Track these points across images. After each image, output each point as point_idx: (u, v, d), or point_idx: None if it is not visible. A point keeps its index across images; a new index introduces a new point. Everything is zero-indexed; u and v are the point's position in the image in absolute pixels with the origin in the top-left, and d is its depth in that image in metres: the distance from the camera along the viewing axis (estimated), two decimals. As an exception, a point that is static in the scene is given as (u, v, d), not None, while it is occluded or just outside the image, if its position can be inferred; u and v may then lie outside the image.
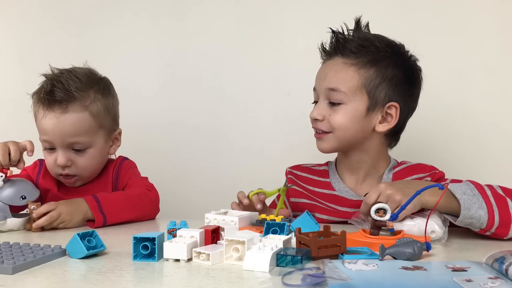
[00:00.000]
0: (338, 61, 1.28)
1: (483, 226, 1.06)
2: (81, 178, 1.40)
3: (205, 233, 0.90)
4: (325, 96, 1.27)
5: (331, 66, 1.28)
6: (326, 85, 1.26)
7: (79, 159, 1.36)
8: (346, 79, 1.25)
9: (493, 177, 1.63)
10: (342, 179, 1.35)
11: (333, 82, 1.26)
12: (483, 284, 0.71)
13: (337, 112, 1.25)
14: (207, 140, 1.83)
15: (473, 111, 1.66)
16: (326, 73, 1.28)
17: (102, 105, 1.39)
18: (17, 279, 0.77)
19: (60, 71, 1.40)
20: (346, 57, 1.27)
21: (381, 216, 0.96)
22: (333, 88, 1.25)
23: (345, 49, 1.27)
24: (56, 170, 1.37)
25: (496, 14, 1.65)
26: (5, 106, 1.96)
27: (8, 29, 1.98)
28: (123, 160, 1.48)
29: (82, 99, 1.34)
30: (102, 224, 1.23)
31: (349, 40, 1.28)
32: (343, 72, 1.26)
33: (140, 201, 1.32)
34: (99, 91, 1.39)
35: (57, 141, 1.34)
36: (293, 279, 0.73)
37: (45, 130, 1.34)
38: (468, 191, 1.08)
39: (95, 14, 1.91)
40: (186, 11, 1.86)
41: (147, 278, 0.77)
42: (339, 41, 1.28)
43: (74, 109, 1.33)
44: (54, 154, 1.36)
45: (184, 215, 1.31)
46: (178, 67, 1.86)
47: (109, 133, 1.43)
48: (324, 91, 1.27)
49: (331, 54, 1.30)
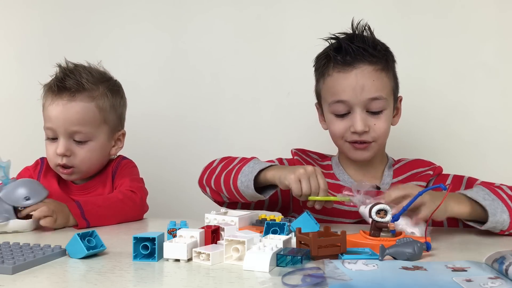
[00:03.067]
0: (367, 69, 1.25)
1: (505, 228, 1.09)
2: (79, 171, 1.40)
3: (205, 233, 0.90)
4: (364, 107, 1.25)
5: (363, 75, 1.25)
6: (366, 96, 1.24)
7: (79, 150, 1.38)
8: (384, 86, 1.26)
9: (493, 177, 1.62)
10: (345, 172, 1.36)
11: (373, 91, 1.24)
12: (483, 284, 0.71)
13: (381, 120, 1.26)
14: (207, 140, 1.83)
15: (473, 111, 1.66)
16: (363, 83, 1.24)
17: (109, 101, 1.42)
18: (17, 279, 0.77)
19: (75, 64, 1.44)
20: (373, 64, 1.26)
21: (382, 217, 0.96)
22: (375, 97, 1.24)
23: (369, 55, 1.26)
24: (55, 160, 1.38)
25: (496, 14, 1.65)
26: (5, 106, 1.95)
27: (8, 29, 1.98)
28: (122, 160, 1.49)
29: (90, 91, 1.38)
30: (86, 227, 1.21)
31: (368, 46, 1.27)
32: (379, 79, 1.26)
33: (124, 205, 1.31)
34: (108, 87, 1.43)
35: (60, 128, 1.36)
36: (293, 279, 0.73)
37: (50, 116, 1.37)
38: (486, 196, 1.09)
39: (95, 14, 1.91)
40: (186, 11, 1.86)
41: (147, 278, 0.77)
42: (359, 48, 1.26)
43: (81, 99, 1.37)
44: (55, 143, 1.37)
45: (184, 215, 1.31)
46: (178, 67, 1.86)
47: (113, 131, 1.44)
48: (363, 102, 1.24)
49: (354, 63, 1.25)
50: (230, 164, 1.27)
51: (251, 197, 1.19)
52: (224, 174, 1.25)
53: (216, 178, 1.27)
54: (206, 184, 1.31)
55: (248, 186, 1.16)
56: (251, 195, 1.18)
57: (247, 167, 1.20)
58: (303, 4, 1.77)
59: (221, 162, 1.32)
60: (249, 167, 1.19)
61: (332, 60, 1.28)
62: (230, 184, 1.21)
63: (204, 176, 1.32)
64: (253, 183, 1.15)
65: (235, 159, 1.29)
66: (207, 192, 1.33)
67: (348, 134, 1.27)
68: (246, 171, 1.19)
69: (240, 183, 1.18)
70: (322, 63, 1.32)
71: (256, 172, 1.16)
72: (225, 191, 1.24)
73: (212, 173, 1.29)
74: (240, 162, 1.24)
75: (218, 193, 1.28)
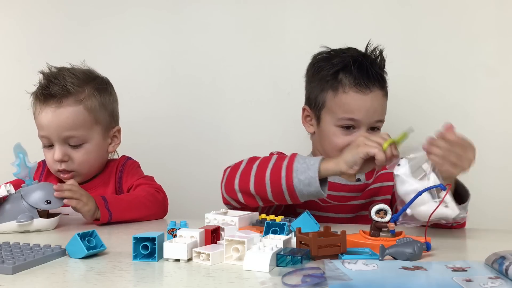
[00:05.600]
0: (379, 94, 1.34)
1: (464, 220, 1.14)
2: (79, 174, 1.41)
3: (205, 233, 0.90)
4: (369, 125, 1.33)
5: (377, 99, 1.34)
6: (375, 118, 1.34)
7: (76, 154, 1.38)
8: (385, 110, 1.37)
9: (493, 177, 1.63)
10: None
11: (381, 114, 1.35)
12: (483, 284, 0.71)
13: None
14: (207, 140, 1.83)
15: (473, 111, 1.66)
16: (376, 107, 1.33)
17: (98, 100, 1.41)
18: (17, 279, 0.77)
19: (58, 68, 1.43)
20: (382, 89, 1.35)
21: (382, 217, 0.96)
22: (380, 120, 1.35)
23: (382, 81, 1.35)
24: (54, 166, 1.39)
25: (496, 14, 1.65)
26: (4, 105, 1.95)
27: (8, 29, 1.98)
28: (127, 160, 1.49)
29: (76, 94, 1.37)
30: (108, 220, 1.23)
31: (382, 71, 1.36)
32: (384, 104, 1.37)
33: (147, 201, 1.34)
34: (95, 87, 1.42)
35: (53, 135, 1.36)
36: (293, 279, 0.73)
37: (41, 125, 1.37)
38: None
39: (95, 14, 1.91)
40: (186, 11, 1.85)
41: (147, 278, 0.77)
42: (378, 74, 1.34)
43: (68, 103, 1.36)
44: (52, 150, 1.38)
45: (184, 215, 1.31)
46: (178, 67, 1.86)
47: (107, 129, 1.44)
48: (372, 123, 1.34)
49: (370, 86, 1.32)
50: (268, 163, 1.20)
51: (309, 195, 1.15)
52: (269, 174, 1.17)
53: (257, 180, 1.19)
54: (240, 189, 1.20)
55: (310, 183, 1.13)
56: (311, 194, 1.15)
57: (298, 164, 1.15)
58: (304, 4, 1.77)
59: (251, 162, 1.23)
60: (301, 164, 1.15)
61: (350, 77, 1.32)
62: (282, 184, 1.15)
63: (235, 180, 1.21)
64: (318, 180, 1.12)
65: (269, 158, 1.22)
66: (238, 199, 1.22)
67: None
68: (301, 168, 1.14)
69: (297, 182, 1.14)
70: (333, 76, 1.34)
71: (317, 168, 1.13)
72: (271, 193, 1.17)
73: (247, 175, 1.20)
74: (281, 160, 1.18)
75: (254, 198, 1.20)
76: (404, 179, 1.03)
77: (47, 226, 1.18)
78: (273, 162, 1.19)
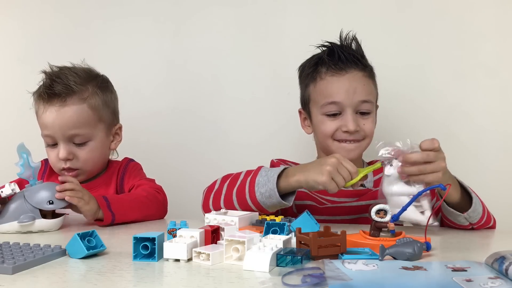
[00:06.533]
0: (358, 74, 1.35)
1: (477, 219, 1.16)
2: (83, 172, 1.41)
3: (205, 233, 0.90)
4: (355, 108, 1.33)
5: (355, 79, 1.34)
6: (358, 98, 1.33)
7: (81, 152, 1.38)
8: (371, 91, 1.37)
9: (493, 177, 1.63)
10: None
11: (364, 95, 1.34)
12: (483, 284, 0.71)
13: (368, 121, 1.35)
14: (207, 140, 1.84)
15: (473, 111, 1.67)
16: (355, 87, 1.33)
17: (101, 99, 1.41)
18: (17, 279, 0.77)
19: (59, 68, 1.43)
20: (362, 70, 1.36)
21: (382, 217, 0.96)
22: (365, 100, 1.34)
23: (359, 62, 1.35)
24: (59, 165, 1.39)
25: (496, 14, 1.66)
26: (4, 105, 1.95)
27: (8, 29, 1.98)
28: (129, 162, 1.50)
29: (80, 92, 1.38)
30: (111, 222, 1.23)
31: (357, 54, 1.36)
32: (367, 85, 1.36)
33: (148, 201, 1.34)
34: (97, 85, 1.42)
35: (58, 134, 1.36)
36: (293, 279, 0.73)
37: (45, 124, 1.37)
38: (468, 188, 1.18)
39: (95, 14, 1.91)
40: (186, 11, 1.86)
41: (147, 278, 0.77)
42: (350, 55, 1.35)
43: (72, 102, 1.36)
44: (56, 149, 1.38)
45: (184, 215, 1.31)
46: (178, 67, 1.86)
47: (109, 127, 1.45)
48: (355, 103, 1.33)
49: (346, 68, 1.34)
50: (236, 181, 1.22)
51: (273, 206, 1.16)
52: (235, 192, 1.20)
53: (226, 199, 1.21)
54: (213, 208, 1.22)
55: (271, 195, 1.13)
56: (274, 205, 1.15)
57: (260, 177, 1.16)
58: (303, 4, 1.77)
59: (223, 181, 1.26)
60: (263, 177, 1.16)
61: (324, 65, 1.36)
62: (247, 199, 1.17)
63: (209, 201, 1.25)
64: (277, 191, 1.12)
65: (239, 174, 1.24)
66: None
67: (338, 133, 1.34)
68: (262, 181, 1.15)
69: (259, 195, 1.14)
70: (312, 69, 1.39)
71: (275, 180, 1.13)
72: (239, 208, 1.18)
73: (219, 195, 1.23)
74: (247, 176, 1.20)
75: None
76: (392, 181, 1.05)
77: (51, 226, 1.18)
78: (240, 179, 1.22)
